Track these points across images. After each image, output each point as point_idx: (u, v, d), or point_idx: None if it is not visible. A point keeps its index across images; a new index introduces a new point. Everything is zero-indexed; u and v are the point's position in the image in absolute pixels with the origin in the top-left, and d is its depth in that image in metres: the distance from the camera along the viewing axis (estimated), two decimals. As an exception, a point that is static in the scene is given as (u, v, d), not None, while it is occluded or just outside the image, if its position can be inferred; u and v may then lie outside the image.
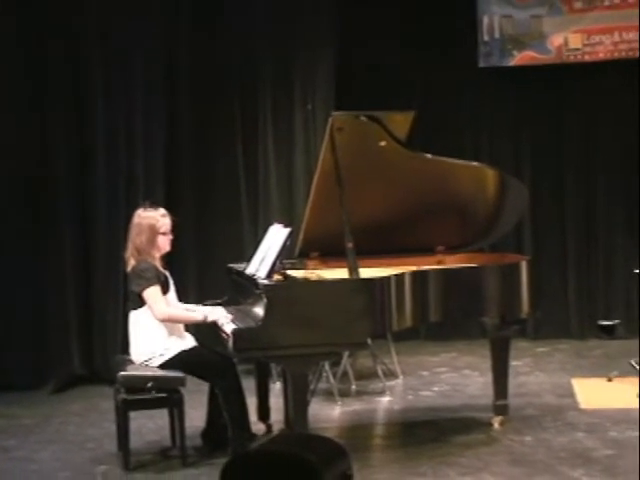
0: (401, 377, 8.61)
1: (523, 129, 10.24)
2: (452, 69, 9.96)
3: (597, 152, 10.15)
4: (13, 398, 8.23)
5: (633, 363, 8.05)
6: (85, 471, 6.37)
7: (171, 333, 6.40)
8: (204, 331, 6.68)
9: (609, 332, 10.03)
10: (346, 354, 8.07)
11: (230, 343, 5.92)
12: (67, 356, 8.72)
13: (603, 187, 10.15)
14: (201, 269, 9.08)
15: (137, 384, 6.27)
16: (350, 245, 6.20)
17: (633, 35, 9.63)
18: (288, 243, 6.44)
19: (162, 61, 9.02)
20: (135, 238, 6.47)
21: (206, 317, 6.40)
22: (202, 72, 9.18)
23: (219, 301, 6.85)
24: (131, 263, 6.48)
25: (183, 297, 6.88)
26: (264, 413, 7.06)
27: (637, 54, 9.66)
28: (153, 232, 6.46)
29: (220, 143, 9.28)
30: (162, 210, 6.59)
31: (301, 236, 6.82)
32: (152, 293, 6.34)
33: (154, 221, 6.49)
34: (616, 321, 10.05)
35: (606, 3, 9.69)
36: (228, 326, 6.14)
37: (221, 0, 9.21)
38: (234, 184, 9.27)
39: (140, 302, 6.40)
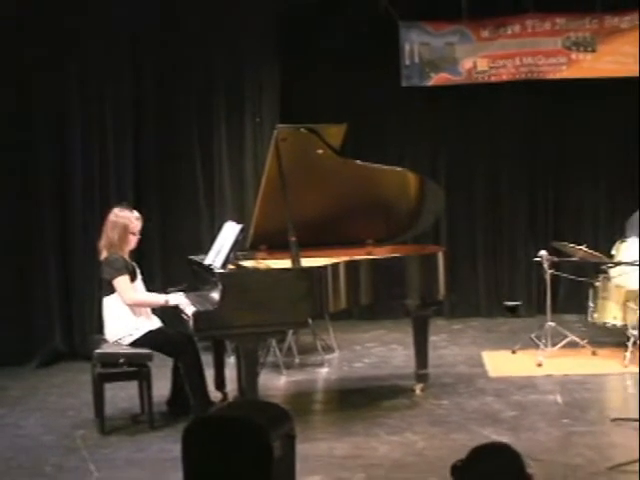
0: (337, 351, 8.62)
1: (439, 139, 10.27)
2: (379, 89, 9.98)
3: (501, 158, 10.21)
4: (2, 372, 8.13)
5: (533, 337, 8.17)
6: (66, 435, 6.34)
7: (139, 315, 6.39)
8: (168, 314, 6.68)
9: (513, 311, 10.14)
10: (290, 332, 8.09)
11: (191, 324, 5.95)
12: (50, 335, 8.64)
13: (507, 188, 10.21)
14: (165, 260, 9.02)
15: (111, 360, 6.28)
16: (293, 239, 6.22)
17: (531, 59, 9.71)
18: (240, 237, 6.45)
19: (130, 83, 8.95)
20: (109, 232, 6.44)
21: (167, 301, 6.42)
22: (165, 91, 9.13)
23: (181, 287, 6.83)
24: (103, 254, 6.45)
25: (150, 284, 6.86)
26: (220, 383, 7.06)
27: (534, 75, 9.76)
28: (125, 231, 6.44)
29: (181, 151, 9.22)
30: (136, 213, 6.58)
31: (251, 231, 6.82)
32: (121, 281, 6.33)
33: (128, 222, 6.47)
34: (519, 302, 10.17)
35: (509, 32, 9.75)
36: (189, 309, 6.14)
37: (185, 30, 9.15)
38: (194, 186, 9.22)
39: (111, 289, 6.38)
